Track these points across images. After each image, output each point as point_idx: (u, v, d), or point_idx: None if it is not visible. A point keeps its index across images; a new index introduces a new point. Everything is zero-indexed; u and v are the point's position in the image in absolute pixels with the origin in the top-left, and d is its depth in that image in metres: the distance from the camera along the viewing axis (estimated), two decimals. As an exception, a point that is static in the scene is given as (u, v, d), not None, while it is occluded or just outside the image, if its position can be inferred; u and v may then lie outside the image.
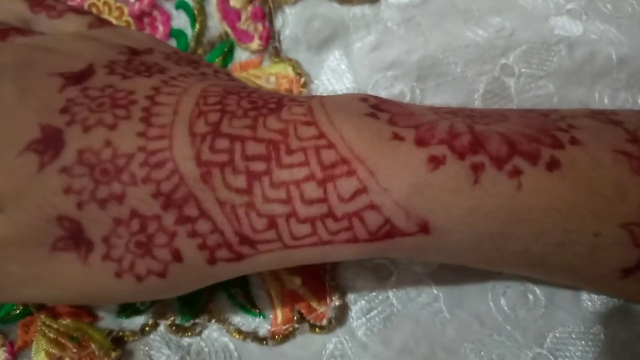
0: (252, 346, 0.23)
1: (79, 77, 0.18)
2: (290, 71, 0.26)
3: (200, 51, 0.26)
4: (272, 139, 0.17)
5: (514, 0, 0.27)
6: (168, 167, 0.17)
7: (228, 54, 0.26)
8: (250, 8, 0.26)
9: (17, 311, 0.22)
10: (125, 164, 0.17)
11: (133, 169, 0.17)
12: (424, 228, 0.17)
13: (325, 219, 0.17)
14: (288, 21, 0.26)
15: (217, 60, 0.26)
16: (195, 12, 0.26)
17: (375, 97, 0.19)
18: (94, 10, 0.26)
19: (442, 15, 0.26)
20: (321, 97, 0.19)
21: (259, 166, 0.17)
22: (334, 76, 0.26)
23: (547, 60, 0.26)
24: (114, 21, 0.26)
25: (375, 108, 0.18)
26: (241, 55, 0.26)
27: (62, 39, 0.21)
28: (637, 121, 0.19)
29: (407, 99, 0.25)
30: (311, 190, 0.17)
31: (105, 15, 0.26)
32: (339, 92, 0.26)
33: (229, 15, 0.26)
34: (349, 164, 0.17)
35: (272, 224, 0.17)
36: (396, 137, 0.17)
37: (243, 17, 0.26)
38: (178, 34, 0.26)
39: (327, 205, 0.17)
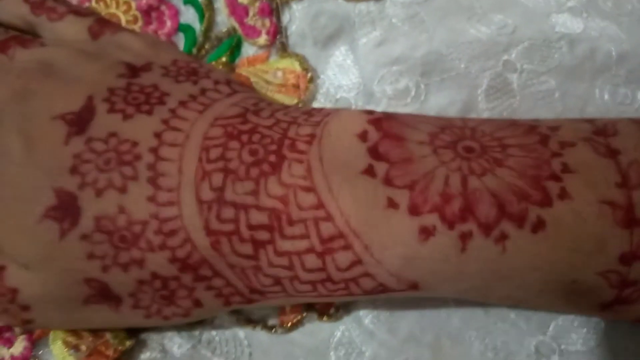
0: (261, 334, 0.24)
1: (80, 121, 0.19)
2: (297, 66, 0.26)
3: (207, 46, 0.26)
4: (274, 207, 0.18)
5: (516, -4, 0.28)
6: (181, 236, 0.18)
7: (235, 49, 0.27)
8: (257, 4, 0.26)
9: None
10: (141, 231, 0.18)
11: (149, 237, 0.18)
12: (413, 286, 0.19)
13: (324, 282, 0.19)
14: (295, 17, 0.27)
15: (224, 55, 0.26)
16: (204, 7, 0.26)
17: (377, 123, 0.19)
18: (101, 4, 0.26)
19: (445, 12, 0.27)
20: (320, 144, 0.19)
21: (263, 235, 0.18)
22: (340, 71, 0.27)
23: (549, 57, 0.26)
24: (121, 16, 0.26)
25: (372, 152, 0.18)
26: (248, 50, 0.27)
27: (60, 59, 0.21)
28: (634, 147, 0.20)
29: (412, 93, 0.26)
30: (311, 261, 0.18)
31: (113, 10, 0.26)
32: (345, 87, 0.26)
33: (237, 10, 0.26)
34: (345, 238, 0.18)
35: (277, 282, 0.19)
36: (391, 204, 0.18)
37: (251, 12, 0.26)
38: (186, 28, 0.26)
39: (326, 272, 0.18)
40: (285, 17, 0.27)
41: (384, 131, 0.19)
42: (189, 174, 0.19)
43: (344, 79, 0.27)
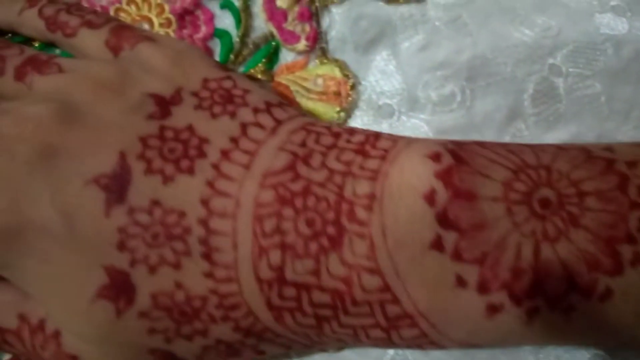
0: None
1: (117, 185, 0.18)
2: (337, 72, 0.26)
3: (245, 52, 0.26)
4: (337, 288, 0.17)
5: (557, -3, 0.27)
6: (243, 310, 0.18)
7: (273, 55, 0.26)
8: (297, 8, 0.25)
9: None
10: (201, 306, 0.18)
11: (210, 310, 0.18)
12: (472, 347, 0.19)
13: (387, 344, 0.19)
14: (335, 21, 0.26)
15: (262, 62, 0.25)
16: (241, 11, 0.25)
17: (446, 177, 0.17)
18: (133, 7, 0.25)
19: (487, 15, 0.26)
20: (382, 210, 0.17)
21: (326, 312, 0.18)
22: (383, 77, 0.26)
23: (594, 60, 0.26)
24: (153, 19, 0.25)
25: (441, 218, 0.17)
26: (286, 56, 0.26)
27: (80, 96, 0.19)
28: None
29: (457, 99, 0.25)
30: (376, 333, 0.18)
31: (145, 13, 0.25)
32: (388, 93, 0.26)
33: (275, 15, 0.25)
34: (412, 318, 0.17)
35: (340, 341, 0.19)
36: (459, 282, 0.17)
37: (289, 17, 0.26)
38: (222, 34, 0.26)
39: (389, 341, 0.18)
40: (325, 22, 0.26)
41: (453, 189, 0.17)
42: (244, 250, 0.18)
43: (386, 85, 0.26)
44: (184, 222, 0.17)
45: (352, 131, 0.20)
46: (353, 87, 0.25)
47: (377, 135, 0.19)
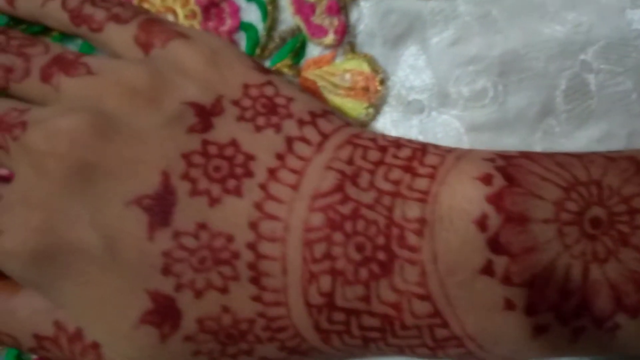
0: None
1: (161, 208, 0.17)
2: (365, 67, 0.25)
3: (271, 46, 0.25)
4: (387, 313, 0.17)
5: (586, -7, 0.27)
6: (290, 332, 0.17)
7: (300, 50, 0.25)
8: (325, 1, 0.25)
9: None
10: (248, 328, 0.17)
11: (257, 332, 0.17)
12: None
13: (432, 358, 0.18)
14: (363, 15, 0.25)
15: (288, 56, 0.25)
16: (267, 4, 0.25)
17: (497, 201, 0.17)
18: (158, -2, 0.24)
19: (517, 11, 0.26)
20: (432, 236, 0.17)
21: (374, 334, 0.18)
22: (413, 72, 0.25)
23: (625, 56, 0.25)
24: (178, 10, 0.24)
25: (493, 243, 0.17)
26: (313, 50, 0.25)
27: (114, 105, 0.18)
28: None
29: (490, 94, 0.25)
30: (422, 351, 0.18)
31: (169, 4, 0.24)
32: (418, 88, 0.25)
33: (303, 8, 0.25)
34: (460, 339, 0.17)
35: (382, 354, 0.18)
36: (508, 305, 0.17)
37: (318, 10, 0.25)
38: (248, 27, 0.25)
39: (434, 356, 0.18)
40: (353, 16, 0.25)
41: (505, 213, 0.17)
42: (294, 275, 0.17)
43: (416, 80, 0.25)
44: (232, 246, 0.17)
45: (399, 144, 0.19)
46: (382, 82, 0.25)
47: (424, 150, 0.19)
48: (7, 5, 0.22)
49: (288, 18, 0.25)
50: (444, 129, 0.25)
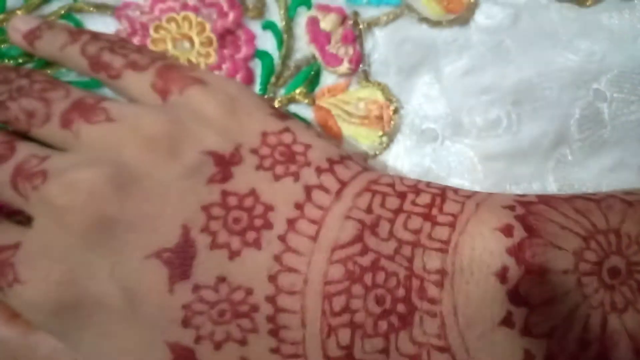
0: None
1: (181, 261, 0.17)
2: (379, 96, 0.25)
3: (286, 74, 0.25)
4: None
5: (599, 21, 0.27)
6: None
7: (314, 78, 0.25)
8: (341, 30, 0.25)
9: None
10: None
11: None
12: None
13: None
14: (378, 44, 0.25)
15: (303, 84, 0.25)
16: (283, 33, 0.25)
17: (518, 253, 0.17)
18: (173, 25, 0.25)
19: (530, 39, 0.26)
20: (452, 287, 0.17)
21: None
22: (427, 101, 0.25)
23: (639, 85, 0.26)
24: (194, 38, 0.25)
25: (512, 295, 0.17)
26: (327, 78, 0.25)
27: (132, 155, 0.18)
28: None
29: (503, 124, 0.25)
30: None
31: (185, 31, 0.25)
32: (431, 117, 0.25)
33: (319, 37, 0.25)
34: None
35: None
36: (527, 356, 0.17)
37: (333, 39, 0.25)
38: (263, 55, 0.25)
39: None
40: (368, 44, 0.25)
41: (525, 265, 0.17)
42: (313, 328, 0.17)
43: (430, 109, 0.25)
44: (251, 299, 0.17)
45: (417, 189, 0.19)
46: (396, 111, 0.25)
47: (443, 196, 0.19)
48: (28, 46, 0.22)
49: (303, 46, 0.25)
50: (457, 157, 0.25)
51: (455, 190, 0.19)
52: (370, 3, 0.26)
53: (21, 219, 0.21)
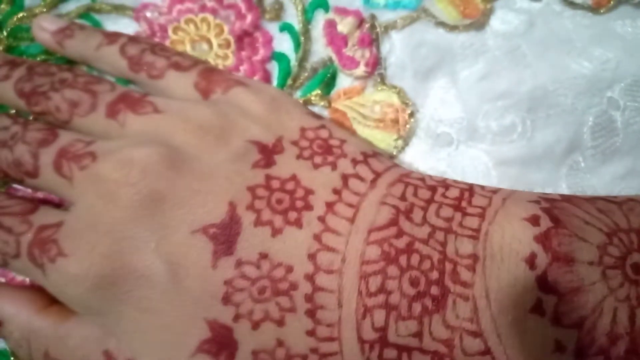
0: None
1: (226, 237, 0.17)
2: (395, 99, 0.25)
3: (303, 76, 0.25)
4: (438, 350, 0.17)
5: (613, 29, 0.27)
6: None
7: (330, 80, 0.25)
8: (357, 33, 0.25)
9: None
10: None
11: None
12: None
13: None
14: (395, 47, 0.25)
15: (319, 87, 0.25)
16: (301, 35, 0.25)
17: (545, 241, 0.17)
18: (191, 26, 0.25)
19: (545, 46, 0.26)
20: (484, 271, 0.17)
21: None
22: (442, 105, 0.25)
23: (652, 94, 0.26)
24: (212, 39, 0.25)
25: (542, 282, 0.17)
26: (343, 81, 0.25)
27: (182, 139, 0.18)
28: None
29: (518, 130, 0.25)
30: None
31: (204, 33, 0.25)
32: (447, 122, 0.25)
33: (336, 40, 0.25)
34: None
35: None
36: (558, 347, 0.17)
37: (350, 42, 0.25)
38: (280, 57, 0.25)
39: None
40: (385, 47, 0.25)
41: (552, 252, 0.17)
42: (349, 308, 0.17)
43: (445, 113, 0.25)
44: (290, 277, 0.17)
45: (446, 184, 0.19)
46: (412, 114, 0.25)
47: (471, 191, 0.19)
48: (56, 44, 0.22)
49: (320, 49, 0.25)
50: (472, 162, 0.25)
51: (482, 187, 0.20)
52: (387, 6, 0.26)
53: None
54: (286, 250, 0.17)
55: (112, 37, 0.22)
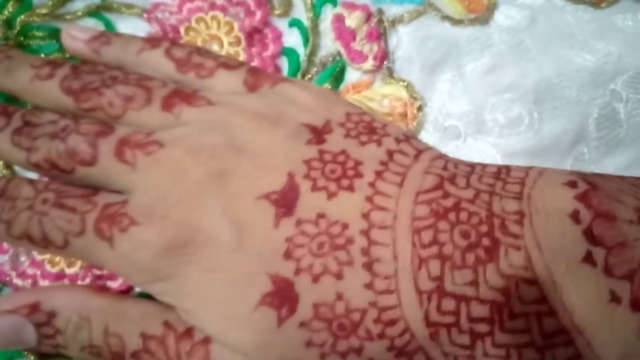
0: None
1: (286, 201, 0.18)
2: (403, 93, 0.25)
3: (312, 71, 0.25)
4: (495, 299, 0.17)
5: (613, 23, 0.27)
6: (400, 326, 0.18)
7: (339, 74, 0.25)
8: (365, 28, 0.25)
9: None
10: (359, 320, 0.17)
11: (368, 325, 0.17)
12: None
13: None
14: (402, 41, 0.26)
15: (328, 81, 0.25)
16: (309, 30, 0.25)
17: (585, 200, 0.18)
18: (202, 25, 0.25)
19: (548, 40, 0.27)
20: (532, 225, 0.18)
21: (483, 328, 0.18)
22: (450, 98, 0.26)
23: (654, 86, 0.26)
24: (223, 37, 0.25)
25: (588, 235, 0.17)
26: (352, 75, 0.26)
27: (239, 125, 0.19)
28: None
29: (525, 122, 0.25)
30: (529, 354, 0.18)
31: (214, 31, 0.25)
32: (454, 115, 0.26)
33: (344, 34, 0.25)
34: (568, 334, 0.17)
35: None
36: (614, 298, 0.17)
37: (358, 36, 0.25)
38: (289, 52, 0.25)
39: None
40: (392, 41, 0.26)
41: (594, 209, 0.18)
42: (404, 260, 0.18)
43: (452, 107, 0.26)
44: (347, 232, 0.18)
45: (483, 164, 0.20)
46: (420, 108, 0.25)
47: (508, 167, 0.20)
48: (91, 51, 0.22)
49: (328, 43, 0.25)
50: (479, 155, 0.25)
51: (518, 166, 0.20)
52: (394, 1, 0.26)
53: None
54: (341, 211, 0.18)
55: (154, 41, 0.22)
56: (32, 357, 0.22)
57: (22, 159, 0.20)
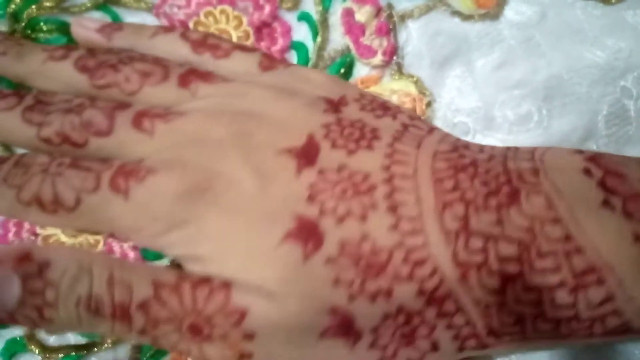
0: None
1: (307, 154, 0.18)
2: (412, 89, 0.25)
3: (321, 65, 0.25)
4: (522, 238, 0.17)
5: (624, 19, 0.27)
6: (429, 266, 0.17)
7: (348, 69, 0.25)
8: (375, 23, 0.25)
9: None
10: (387, 259, 0.17)
11: (396, 265, 0.17)
12: None
13: (570, 320, 0.18)
14: (411, 36, 0.26)
15: (337, 75, 0.25)
16: (318, 24, 0.25)
17: (594, 161, 0.18)
18: (210, 19, 0.24)
19: (559, 36, 0.26)
20: (548, 177, 0.18)
21: (513, 268, 0.17)
22: (459, 94, 0.26)
23: (664, 83, 0.26)
24: (231, 32, 0.25)
25: (603, 186, 0.18)
26: (360, 70, 0.26)
27: (256, 97, 0.20)
28: None
29: (534, 118, 0.25)
30: (562, 296, 0.17)
31: (223, 26, 0.25)
32: (463, 111, 0.25)
33: (353, 29, 0.25)
34: (599, 271, 0.17)
35: (519, 321, 0.18)
36: (637, 238, 0.17)
37: (367, 31, 0.25)
38: (298, 46, 0.25)
39: (574, 309, 0.18)
40: (402, 37, 0.25)
41: (604, 168, 0.18)
42: (428, 202, 0.18)
43: (461, 102, 0.26)
44: (369, 180, 0.18)
45: (492, 146, 0.21)
46: (429, 104, 0.25)
47: (516, 147, 0.20)
48: (102, 38, 0.22)
49: (337, 38, 0.25)
50: (489, 151, 0.25)
51: (525, 147, 0.20)
52: (403, -4, 0.26)
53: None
54: (362, 164, 0.18)
55: (167, 27, 0.22)
56: (37, 351, 0.21)
57: (32, 134, 0.19)
